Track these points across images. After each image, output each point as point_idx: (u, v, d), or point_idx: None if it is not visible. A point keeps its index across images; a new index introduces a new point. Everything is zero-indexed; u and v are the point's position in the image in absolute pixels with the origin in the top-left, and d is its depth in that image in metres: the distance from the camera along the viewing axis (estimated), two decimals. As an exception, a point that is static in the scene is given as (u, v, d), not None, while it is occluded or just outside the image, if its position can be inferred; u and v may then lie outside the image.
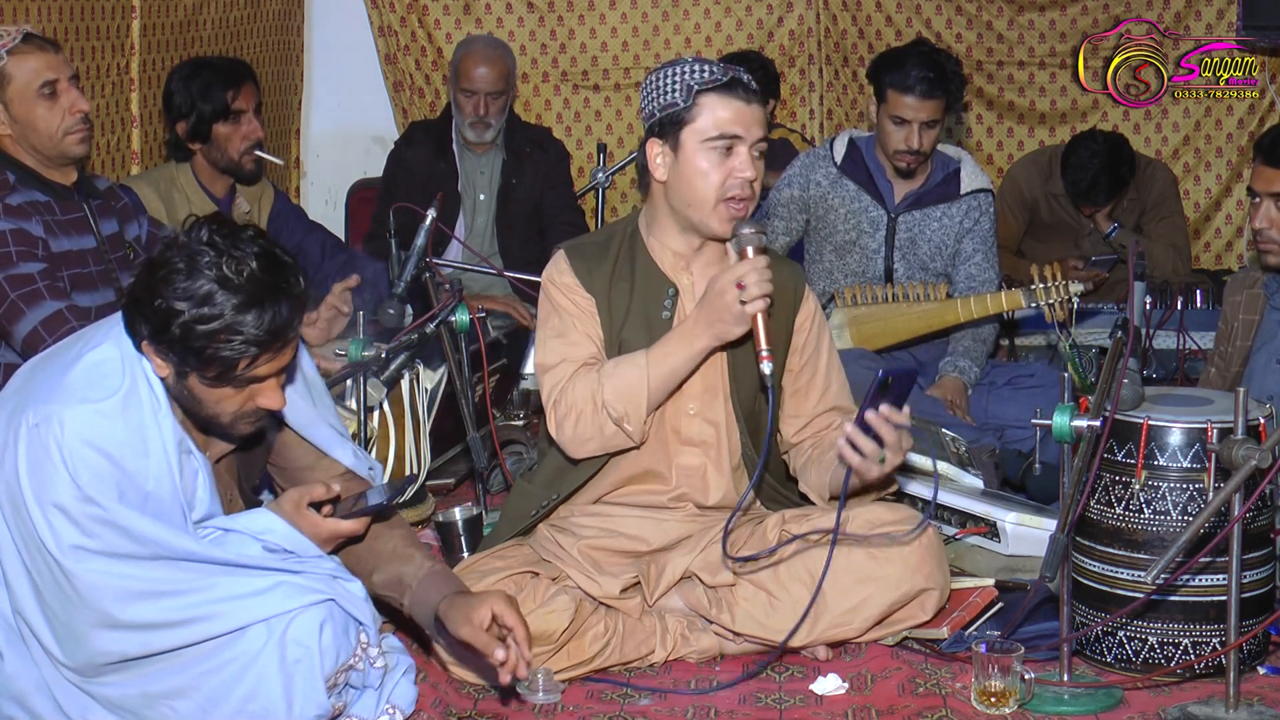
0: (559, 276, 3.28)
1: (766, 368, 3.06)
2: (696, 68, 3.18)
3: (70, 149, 3.74)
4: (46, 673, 2.67)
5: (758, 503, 3.37)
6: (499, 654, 2.68)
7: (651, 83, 3.23)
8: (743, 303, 3.06)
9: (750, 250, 3.10)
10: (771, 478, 3.36)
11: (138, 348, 2.66)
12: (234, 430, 2.74)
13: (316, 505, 2.85)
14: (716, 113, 3.16)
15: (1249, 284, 3.82)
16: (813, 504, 3.30)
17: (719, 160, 3.16)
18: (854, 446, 3.02)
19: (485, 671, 2.95)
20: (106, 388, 2.63)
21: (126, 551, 2.59)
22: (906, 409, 3.05)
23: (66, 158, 3.75)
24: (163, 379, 2.66)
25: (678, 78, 3.18)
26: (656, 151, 3.22)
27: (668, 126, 3.20)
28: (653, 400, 3.17)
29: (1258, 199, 3.63)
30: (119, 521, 2.58)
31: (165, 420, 2.67)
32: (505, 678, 2.72)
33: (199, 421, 2.73)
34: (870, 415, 3.00)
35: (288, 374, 2.76)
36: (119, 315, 2.70)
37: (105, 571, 2.58)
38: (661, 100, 3.20)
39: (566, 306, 3.26)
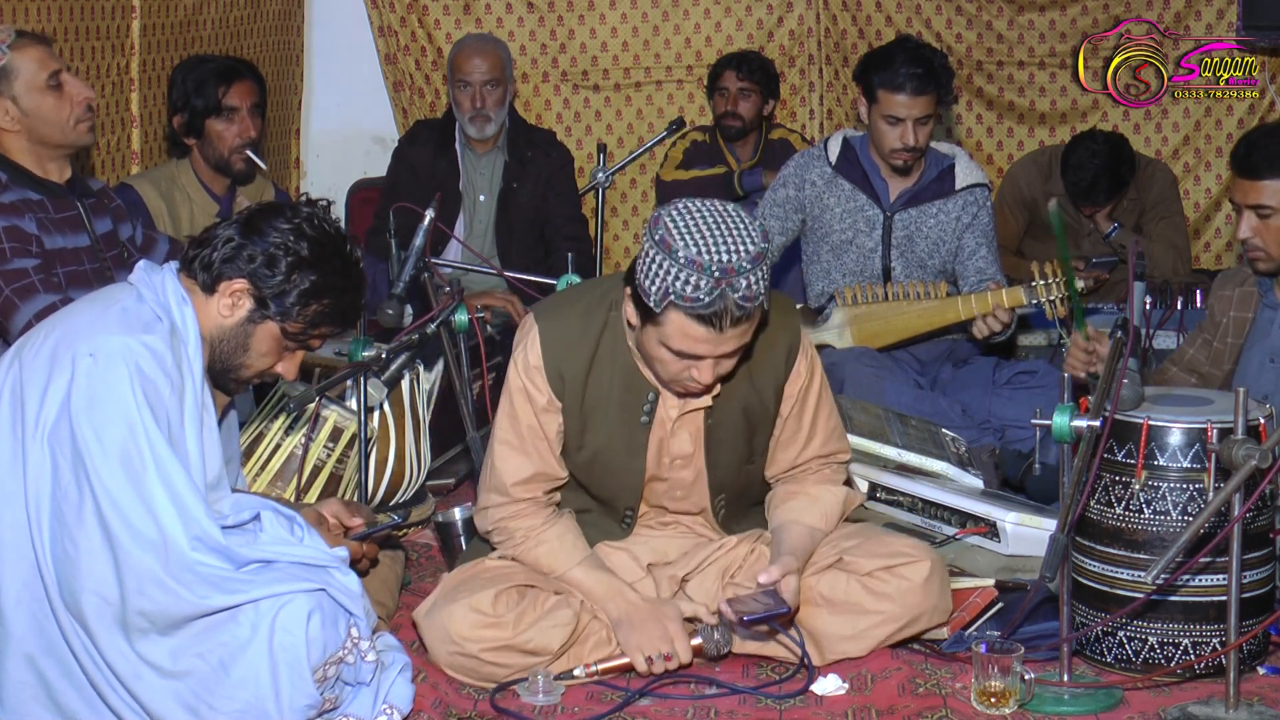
0: (528, 370, 3.12)
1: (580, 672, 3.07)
2: (684, 278, 2.78)
3: (81, 138, 3.78)
4: (69, 633, 2.67)
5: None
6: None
7: (648, 250, 2.85)
8: (649, 659, 3.07)
9: (704, 650, 3.10)
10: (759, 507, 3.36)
11: (210, 285, 2.81)
12: (241, 385, 2.92)
13: None
14: (684, 331, 2.85)
15: (1240, 280, 3.79)
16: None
17: (677, 358, 2.92)
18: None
19: None
20: (150, 325, 2.74)
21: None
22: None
23: (76, 147, 3.79)
24: (223, 319, 2.82)
25: (660, 274, 2.82)
26: (629, 304, 2.97)
27: (638, 304, 2.91)
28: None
29: (1239, 210, 3.62)
30: (163, 465, 2.65)
31: (197, 362, 2.79)
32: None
33: (217, 370, 2.87)
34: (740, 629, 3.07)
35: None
36: (118, 285, 2.90)
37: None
38: (643, 281, 2.86)
39: (525, 418, 3.14)
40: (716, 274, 2.79)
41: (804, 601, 3.14)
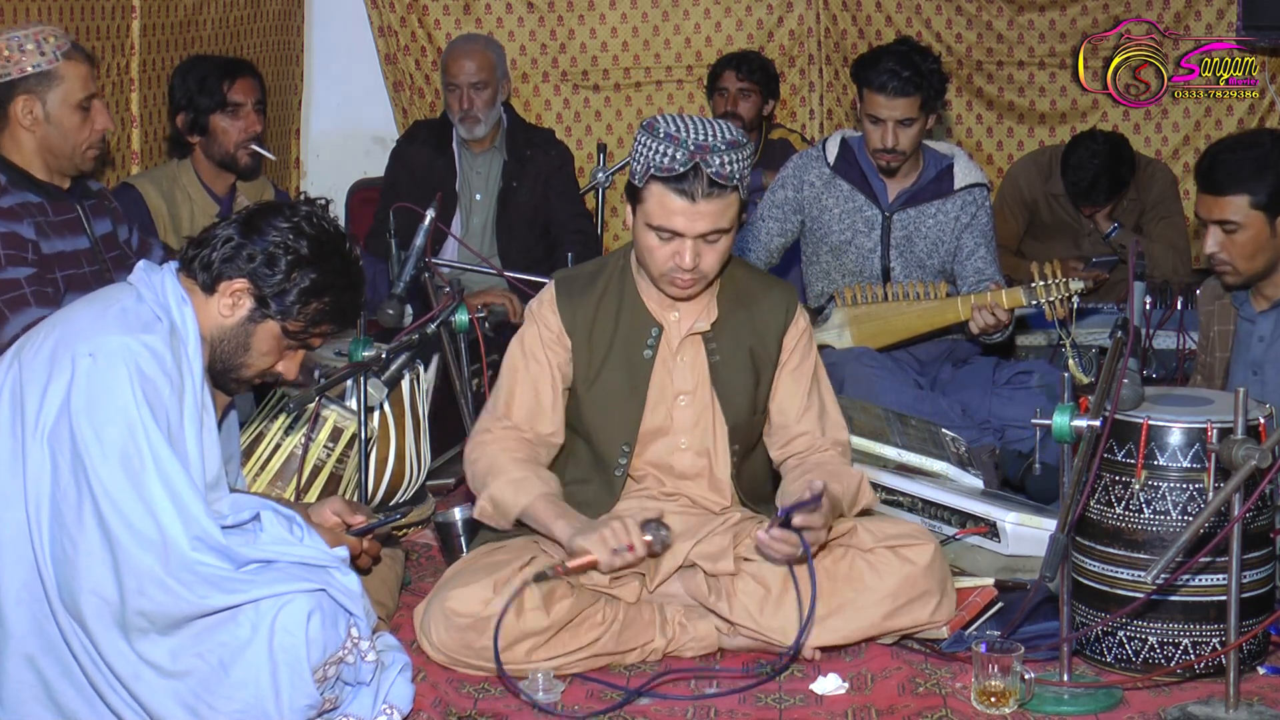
0: (541, 307, 3.33)
1: (541, 567, 3.10)
2: (663, 150, 3.07)
3: (84, 164, 3.80)
4: (68, 633, 2.67)
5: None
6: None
7: (636, 137, 3.16)
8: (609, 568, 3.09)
9: (651, 546, 3.10)
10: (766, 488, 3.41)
11: (210, 285, 2.81)
12: (241, 385, 2.93)
13: None
14: (661, 203, 3.10)
15: (1218, 294, 3.81)
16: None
17: (661, 243, 3.14)
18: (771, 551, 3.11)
19: None
20: (149, 325, 2.74)
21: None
22: (810, 518, 3.05)
23: (76, 170, 3.78)
24: (224, 318, 2.83)
25: (644, 152, 3.10)
26: (627, 205, 3.22)
27: (627, 192, 3.19)
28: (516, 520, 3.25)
29: (1204, 224, 3.62)
30: (163, 465, 2.64)
31: (197, 362, 2.78)
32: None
33: (217, 370, 2.87)
34: (775, 531, 3.04)
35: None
36: (117, 285, 2.89)
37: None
38: (632, 164, 3.15)
39: (533, 352, 3.30)
40: (692, 148, 3.06)
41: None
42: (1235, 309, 3.75)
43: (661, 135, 3.08)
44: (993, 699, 2.90)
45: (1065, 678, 2.98)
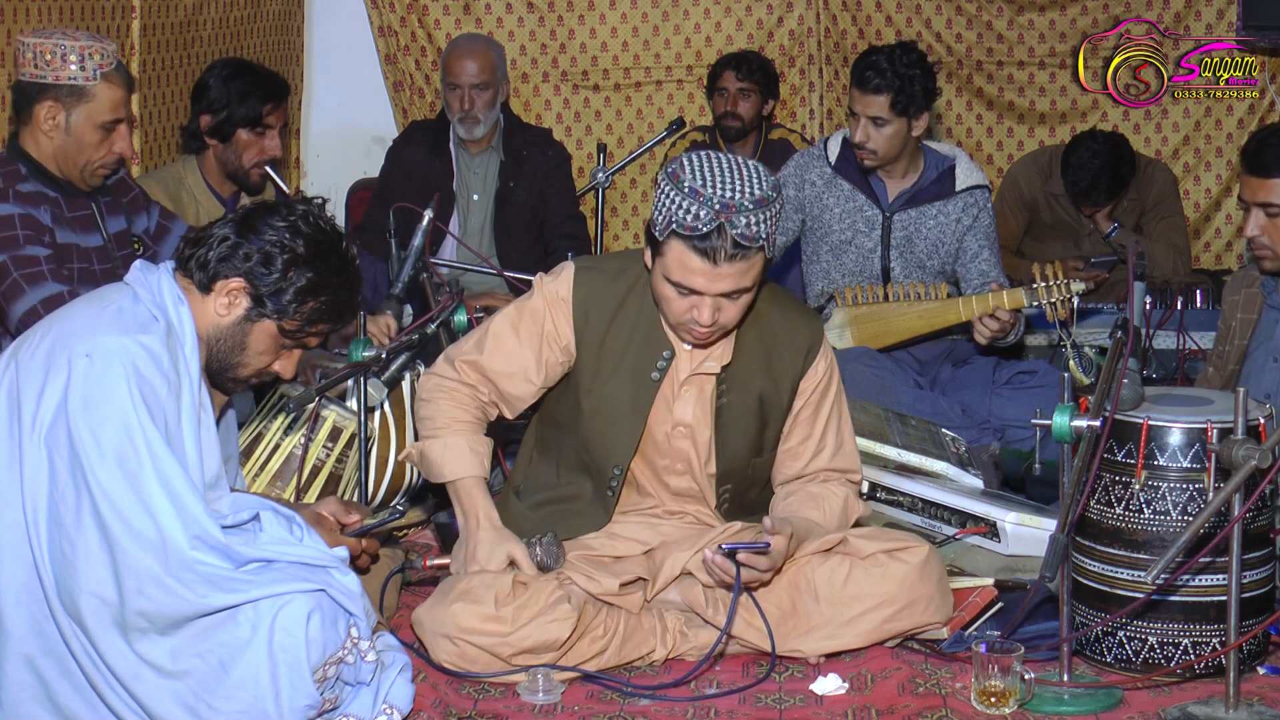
0: (556, 288, 3.22)
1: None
2: (686, 206, 2.92)
3: (93, 180, 3.81)
4: (67, 633, 2.67)
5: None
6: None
7: (659, 183, 3.01)
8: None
9: (526, 566, 3.13)
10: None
11: (206, 284, 2.81)
12: (238, 385, 2.93)
13: None
14: (681, 261, 2.96)
15: (1247, 283, 3.82)
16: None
17: (679, 297, 3.02)
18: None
19: None
20: (146, 325, 2.74)
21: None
22: (754, 559, 3.05)
23: (83, 185, 3.80)
24: (220, 318, 2.82)
25: (666, 204, 2.96)
26: (645, 246, 3.10)
27: (647, 239, 3.06)
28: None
29: (1247, 208, 3.62)
30: (161, 465, 2.64)
31: (194, 362, 2.78)
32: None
33: (214, 370, 2.87)
34: (718, 559, 3.05)
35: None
36: (114, 285, 2.89)
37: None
38: (653, 214, 3.01)
39: (527, 332, 3.22)
40: (717, 207, 2.91)
41: (804, 591, 3.15)
42: (1263, 297, 3.76)
43: (686, 189, 2.93)
44: (993, 699, 2.90)
45: (1065, 678, 2.98)
